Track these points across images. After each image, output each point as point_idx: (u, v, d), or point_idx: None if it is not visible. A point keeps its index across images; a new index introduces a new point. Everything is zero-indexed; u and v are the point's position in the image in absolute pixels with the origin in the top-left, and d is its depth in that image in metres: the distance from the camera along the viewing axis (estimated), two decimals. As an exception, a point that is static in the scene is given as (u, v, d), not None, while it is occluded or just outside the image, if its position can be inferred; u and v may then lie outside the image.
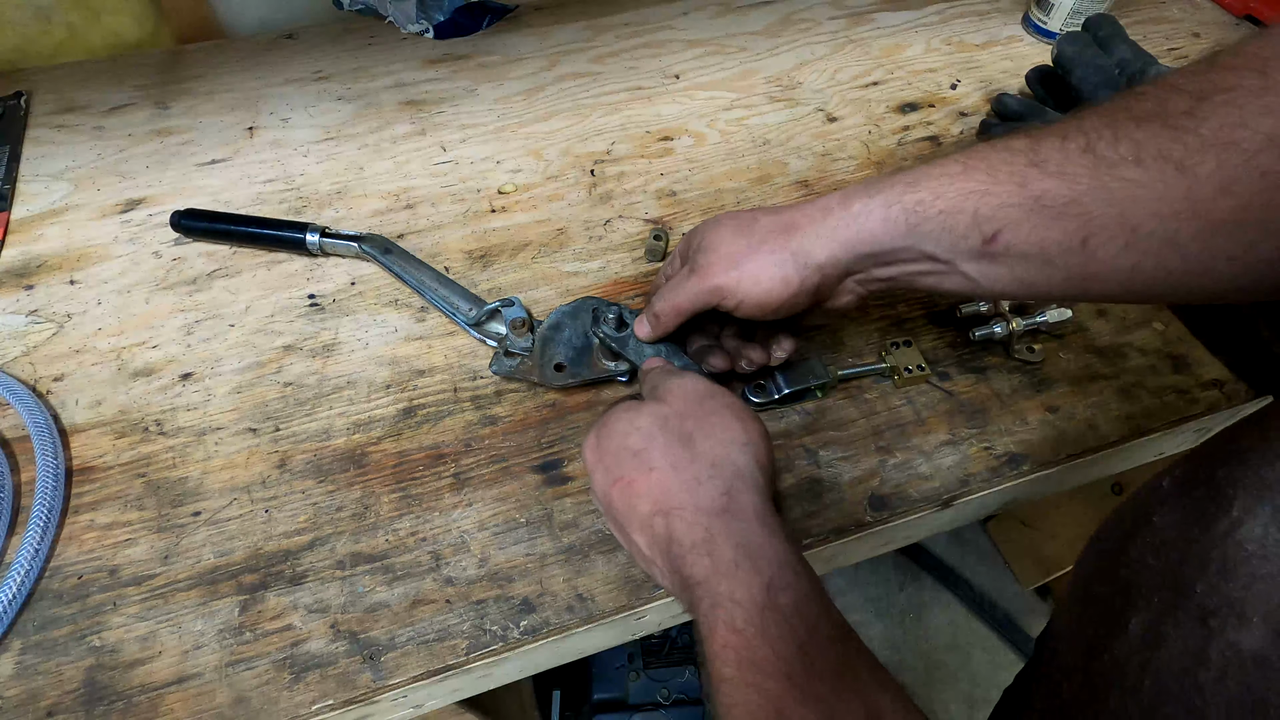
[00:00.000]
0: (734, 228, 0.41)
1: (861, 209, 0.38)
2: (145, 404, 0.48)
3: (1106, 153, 0.32)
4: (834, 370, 0.48)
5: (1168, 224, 0.31)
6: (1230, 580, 0.23)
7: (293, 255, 0.57)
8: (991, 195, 0.34)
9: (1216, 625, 0.23)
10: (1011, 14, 0.79)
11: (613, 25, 0.78)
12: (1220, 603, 0.23)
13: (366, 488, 0.44)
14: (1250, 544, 0.23)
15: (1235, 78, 0.29)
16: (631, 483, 0.35)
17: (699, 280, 0.41)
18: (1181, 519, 0.27)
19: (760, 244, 0.40)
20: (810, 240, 0.39)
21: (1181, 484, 0.29)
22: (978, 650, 1.21)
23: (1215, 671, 0.23)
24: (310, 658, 0.38)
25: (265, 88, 0.71)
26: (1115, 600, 0.28)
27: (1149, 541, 0.28)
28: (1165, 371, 0.50)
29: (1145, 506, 0.30)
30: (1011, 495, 0.47)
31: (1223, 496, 0.25)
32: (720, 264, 0.40)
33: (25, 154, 0.65)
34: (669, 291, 0.43)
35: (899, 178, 0.38)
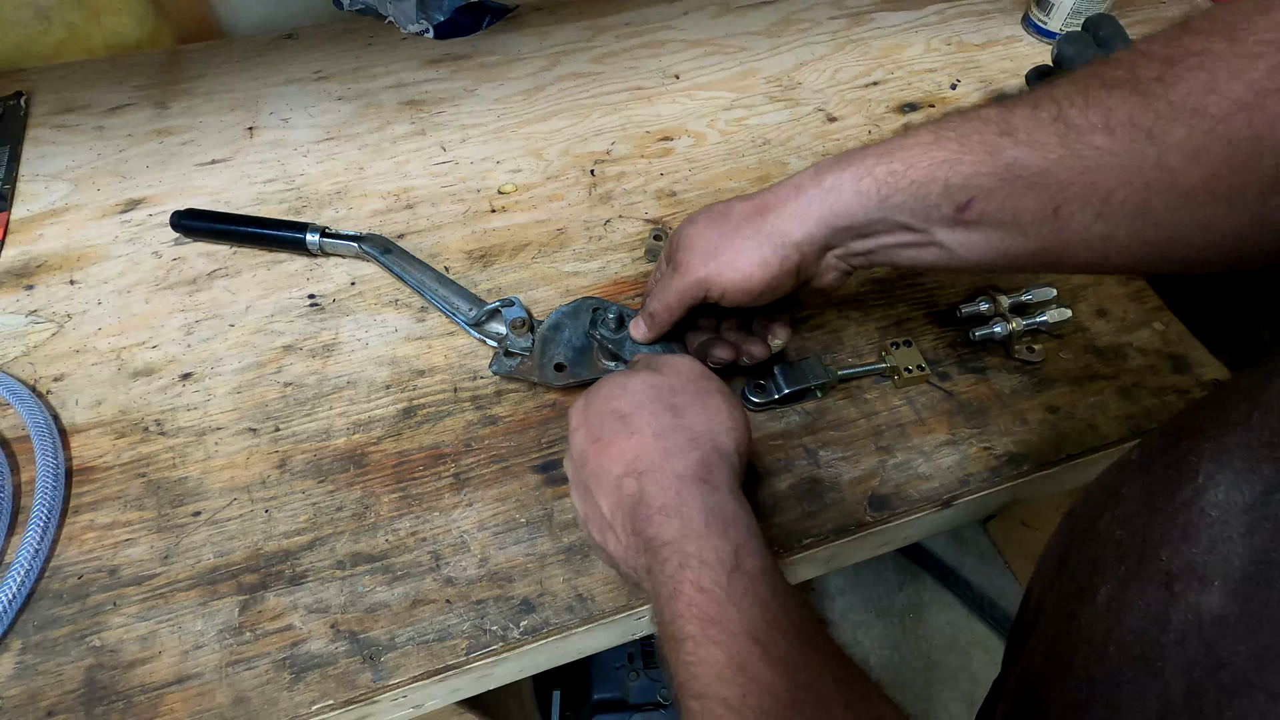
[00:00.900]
0: (708, 220, 0.42)
1: (833, 183, 0.38)
2: (145, 404, 0.48)
3: (1077, 120, 0.32)
4: (834, 370, 0.48)
5: (1139, 193, 0.31)
6: (1194, 545, 0.24)
7: (293, 255, 0.57)
8: (963, 164, 0.34)
9: (1180, 589, 0.23)
10: (1011, 14, 0.79)
11: (613, 25, 0.78)
12: (1182, 567, 0.23)
13: (366, 488, 0.44)
14: (1213, 509, 0.23)
15: (1204, 41, 0.29)
16: (610, 444, 0.35)
17: (681, 276, 0.41)
18: (1147, 489, 0.27)
19: (735, 231, 0.40)
20: (785, 220, 0.39)
21: (1147, 456, 0.29)
22: (978, 650, 1.21)
23: (1176, 634, 0.23)
24: (310, 658, 0.38)
25: (265, 88, 0.71)
26: (1084, 572, 0.28)
27: (1116, 514, 0.28)
28: (1165, 371, 0.50)
29: (1113, 481, 0.30)
30: (1011, 495, 0.47)
31: (1186, 465, 0.25)
32: (699, 257, 0.41)
33: (25, 154, 0.65)
34: (658, 292, 0.43)
35: (872, 149, 0.38)
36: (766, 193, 0.41)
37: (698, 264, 0.41)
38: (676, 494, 0.33)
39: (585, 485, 0.36)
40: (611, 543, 0.35)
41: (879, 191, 0.37)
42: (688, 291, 0.42)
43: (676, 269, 0.42)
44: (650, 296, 0.45)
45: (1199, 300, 0.52)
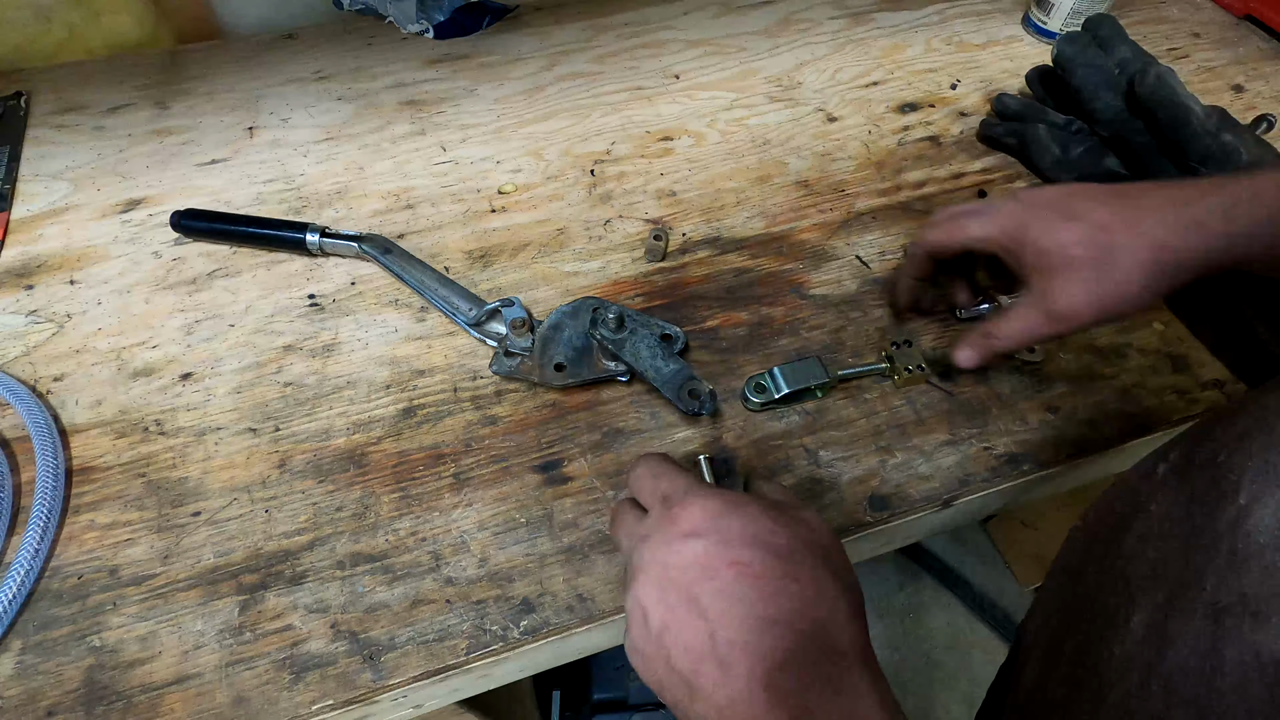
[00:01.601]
0: (1090, 262, 0.36)
1: (1248, 229, 0.34)
2: (145, 404, 0.48)
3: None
4: (834, 370, 0.48)
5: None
6: (1243, 575, 0.22)
7: (293, 255, 0.57)
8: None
9: (1231, 625, 0.22)
10: (1011, 14, 0.79)
11: (613, 25, 0.78)
12: (1233, 600, 0.22)
13: (366, 488, 0.44)
14: (1261, 535, 0.22)
15: None
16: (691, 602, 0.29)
17: (1063, 327, 0.38)
18: (1182, 507, 0.25)
19: (1128, 278, 0.36)
20: (1178, 267, 0.35)
21: (1179, 470, 0.27)
22: (978, 650, 1.21)
23: (1233, 676, 0.21)
24: (310, 658, 0.38)
25: (265, 88, 0.71)
26: (1112, 593, 0.27)
27: (1147, 531, 0.26)
28: (1165, 371, 0.50)
29: (1138, 494, 0.28)
30: (1011, 495, 0.47)
31: (1226, 483, 0.24)
32: (1086, 313, 0.37)
33: (25, 154, 0.65)
34: (1016, 329, 0.39)
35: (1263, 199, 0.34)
36: (1157, 220, 0.36)
37: (1088, 318, 0.37)
38: None
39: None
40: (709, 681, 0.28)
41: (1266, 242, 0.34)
42: (1063, 336, 0.39)
43: (1057, 319, 0.38)
44: (1002, 331, 0.40)
45: (1199, 300, 0.52)
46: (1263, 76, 0.71)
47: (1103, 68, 0.61)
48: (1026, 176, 0.62)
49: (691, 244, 0.57)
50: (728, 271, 0.55)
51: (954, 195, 0.61)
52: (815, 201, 0.60)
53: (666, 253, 0.56)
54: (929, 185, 0.62)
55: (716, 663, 0.27)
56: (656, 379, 0.46)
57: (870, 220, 0.59)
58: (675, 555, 0.29)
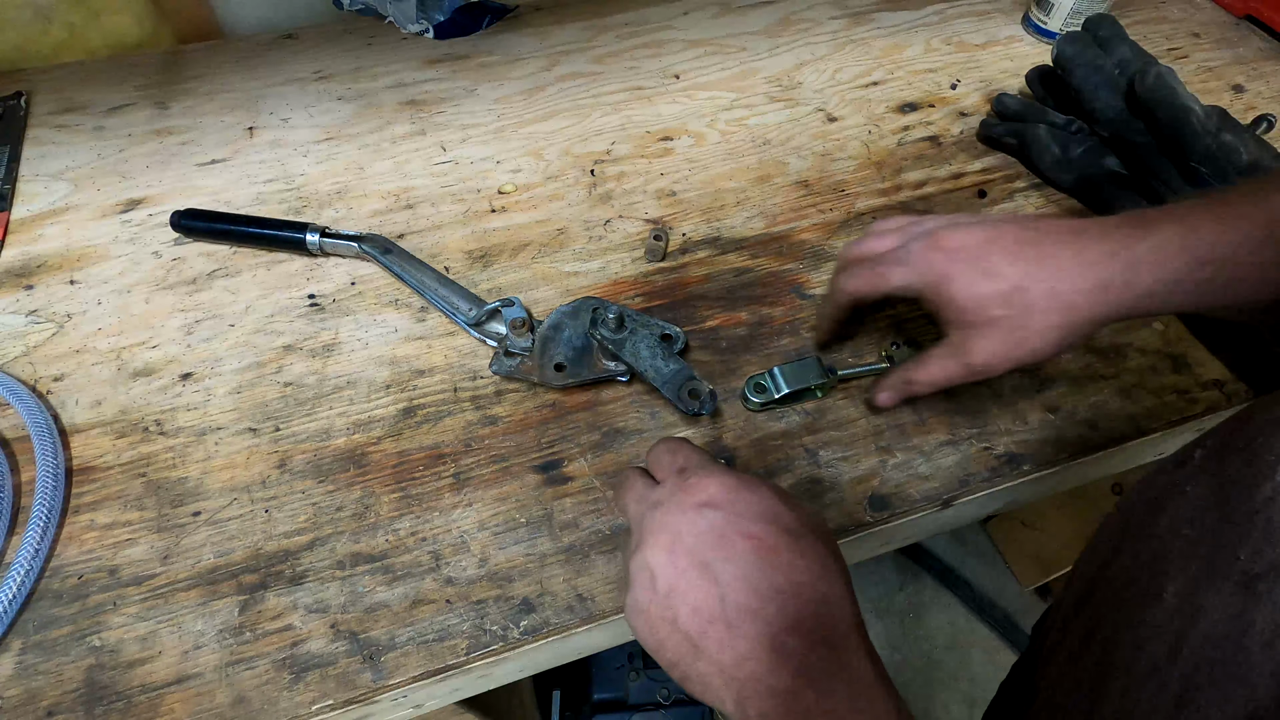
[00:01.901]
0: (1007, 320, 0.38)
1: (1147, 289, 0.36)
2: (145, 404, 0.48)
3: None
4: (834, 370, 0.48)
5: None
6: (1276, 545, 0.22)
7: (293, 255, 0.57)
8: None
9: (1264, 589, 0.22)
10: (1011, 14, 0.79)
11: (613, 25, 0.78)
12: (1266, 568, 0.22)
13: (366, 488, 0.44)
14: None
15: None
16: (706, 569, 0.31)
17: (977, 376, 0.40)
18: (1217, 487, 0.26)
19: (1042, 339, 0.38)
20: (1085, 325, 0.37)
21: (1215, 454, 0.28)
22: (978, 650, 1.21)
23: (1262, 637, 0.22)
24: (310, 658, 0.38)
25: (265, 88, 0.71)
26: (1146, 569, 0.27)
27: (1182, 512, 0.27)
28: (1165, 371, 0.50)
29: (1174, 480, 0.29)
30: (1011, 495, 0.47)
31: (1262, 463, 0.24)
32: (1000, 365, 0.39)
33: (25, 154, 0.65)
34: (934, 376, 0.41)
35: (1192, 246, 0.35)
36: (1070, 280, 0.37)
37: (1000, 369, 0.39)
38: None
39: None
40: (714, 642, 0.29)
41: (1195, 296, 0.36)
42: (970, 379, 0.40)
43: (974, 370, 0.39)
44: (918, 376, 0.42)
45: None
46: (1263, 76, 0.71)
47: (1103, 68, 0.61)
48: (1026, 176, 0.62)
49: (691, 244, 0.57)
50: (728, 271, 0.55)
51: (954, 195, 0.61)
52: (815, 201, 0.60)
53: (666, 253, 0.56)
54: (929, 185, 0.62)
55: (725, 624, 0.29)
56: (656, 379, 0.46)
57: (870, 220, 0.59)
58: (689, 523, 0.31)
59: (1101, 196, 0.58)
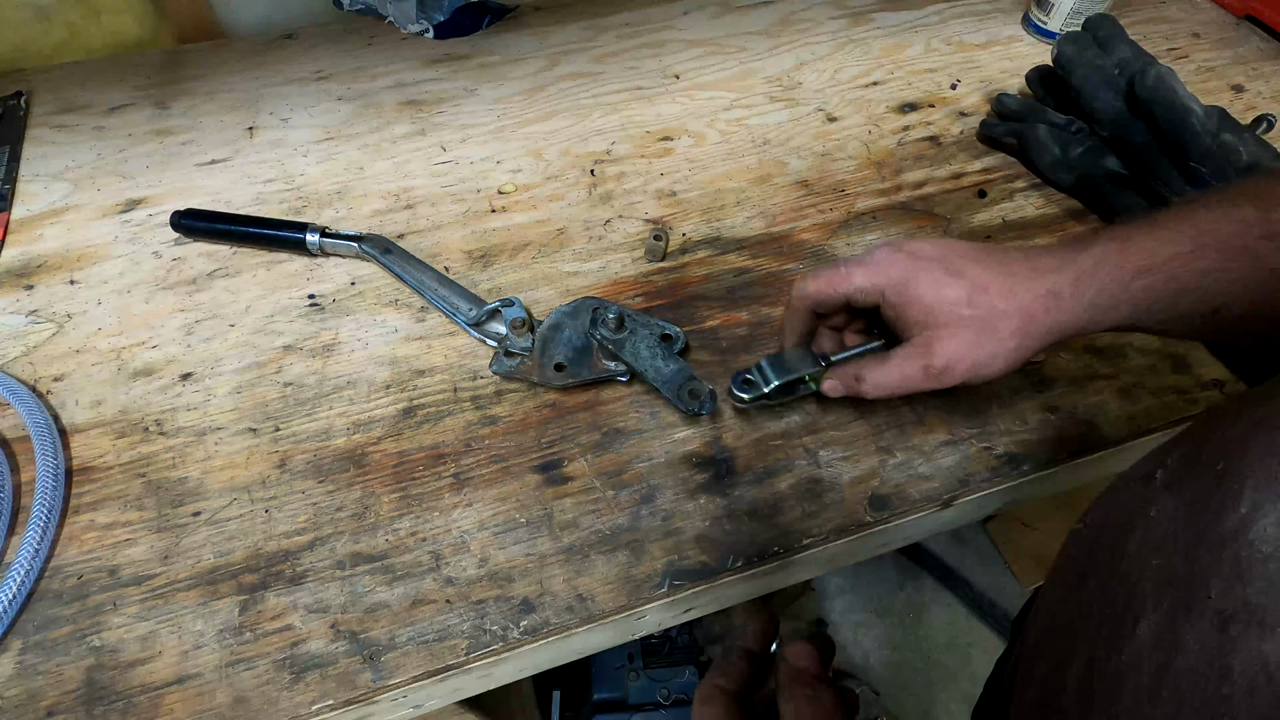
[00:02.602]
0: (972, 321, 0.38)
1: (1091, 301, 0.37)
2: (145, 404, 0.48)
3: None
4: (827, 357, 0.45)
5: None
6: (1247, 584, 0.22)
7: (293, 255, 0.57)
8: (1224, 273, 0.34)
9: (1238, 633, 0.22)
10: (1011, 14, 0.79)
11: (613, 25, 0.78)
12: (1238, 608, 0.22)
13: (366, 488, 0.44)
14: (1265, 544, 0.22)
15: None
16: None
17: (936, 383, 0.40)
18: (1184, 513, 0.26)
19: (1000, 344, 0.38)
20: (1039, 335, 0.38)
21: (1178, 475, 0.27)
22: (978, 650, 1.21)
23: (1242, 684, 0.21)
24: (310, 658, 0.38)
25: (265, 88, 0.71)
26: (1117, 599, 0.27)
27: (1149, 537, 0.27)
28: (1165, 371, 0.50)
29: (1139, 499, 0.29)
30: (1011, 495, 0.47)
31: (1228, 490, 0.24)
32: (961, 370, 0.39)
33: (25, 154, 0.65)
34: (893, 382, 0.41)
35: (1130, 257, 0.37)
36: (1025, 289, 0.38)
37: (961, 376, 0.39)
38: None
39: None
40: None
41: (1133, 307, 0.37)
42: (933, 389, 0.40)
43: (933, 375, 0.39)
44: (875, 379, 0.41)
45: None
46: (1263, 76, 0.71)
47: (1103, 68, 0.61)
48: (1026, 176, 0.62)
49: (691, 244, 0.57)
50: (728, 271, 0.55)
51: (954, 195, 0.61)
52: (815, 201, 0.60)
53: (666, 253, 0.56)
54: (929, 185, 0.62)
55: None
56: (656, 379, 0.46)
57: (870, 220, 0.59)
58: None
59: (1101, 196, 0.58)
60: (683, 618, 0.44)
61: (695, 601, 0.43)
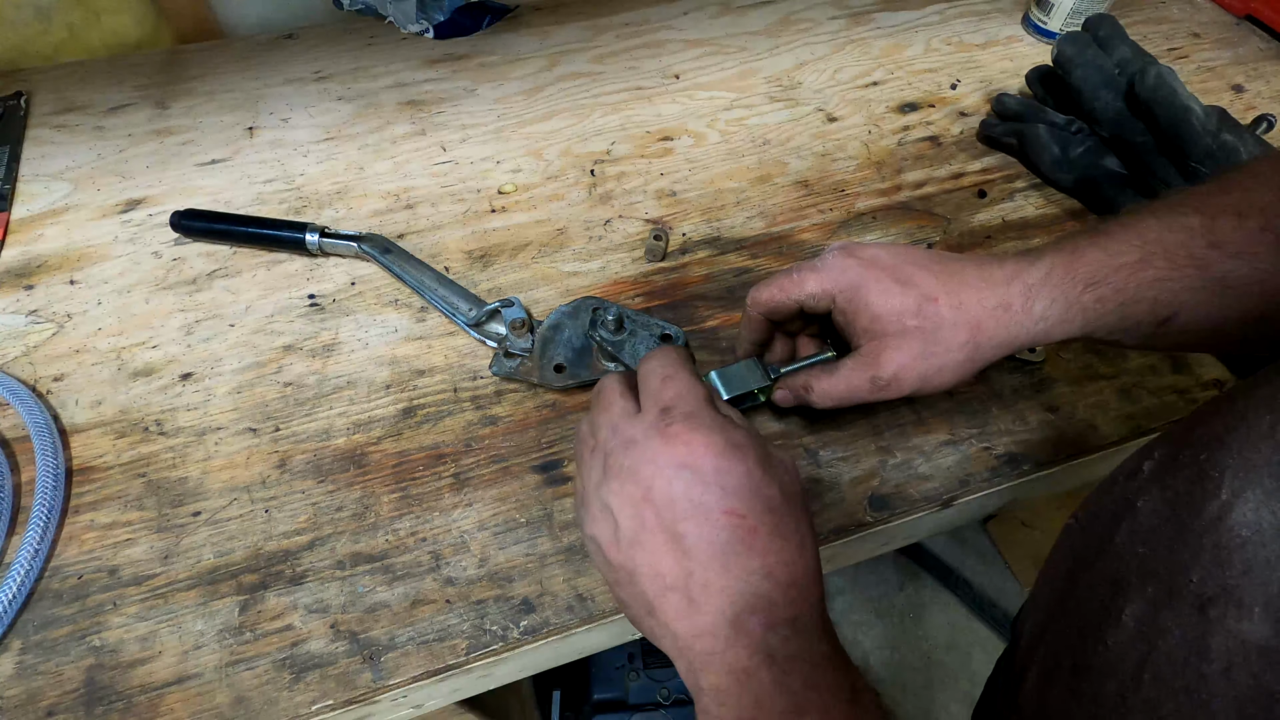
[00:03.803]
0: (918, 333, 0.38)
1: (1041, 313, 0.37)
2: (145, 404, 0.48)
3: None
4: (775, 369, 0.44)
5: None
6: (1226, 568, 0.23)
7: (293, 255, 0.57)
8: (1172, 282, 0.35)
9: (1216, 615, 0.23)
10: (1011, 14, 0.79)
11: (613, 25, 0.78)
12: (1217, 591, 0.23)
13: (366, 488, 0.44)
14: (1243, 529, 0.23)
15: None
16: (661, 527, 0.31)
17: (883, 394, 0.39)
18: (1168, 505, 0.26)
19: (948, 355, 0.38)
20: (990, 347, 0.38)
21: (1163, 468, 0.28)
22: (978, 650, 1.21)
23: (1219, 664, 0.22)
24: (310, 658, 0.38)
25: (265, 88, 0.71)
26: (1104, 591, 0.28)
27: (1135, 529, 0.27)
28: (1165, 371, 0.50)
29: (1125, 493, 0.29)
30: (1011, 495, 0.47)
31: (1209, 480, 0.25)
32: (908, 382, 0.39)
33: (25, 154, 0.65)
34: (838, 389, 0.40)
35: (1077, 271, 0.37)
36: (974, 300, 0.38)
37: (908, 387, 0.39)
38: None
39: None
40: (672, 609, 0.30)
41: (1084, 318, 0.37)
42: (880, 400, 0.40)
43: (881, 386, 0.39)
44: (823, 387, 0.41)
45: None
46: (1263, 76, 0.71)
47: (1103, 68, 0.61)
48: (1026, 176, 0.62)
49: (691, 244, 0.57)
50: (728, 271, 0.55)
51: (954, 195, 0.61)
52: (815, 201, 0.60)
53: (666, 253, 0.57)
54: (929, 185, 0.62)
55: (686, 598, 0.29)
56: (656, 379, 0.46)
57: (870, 220, 0.59)
58: (664, 481, 0.30)
59: (1101, 196, 0.58)
60: (683, 618, 0.44)
61: (695, 601, 0.43)
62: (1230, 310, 0.34)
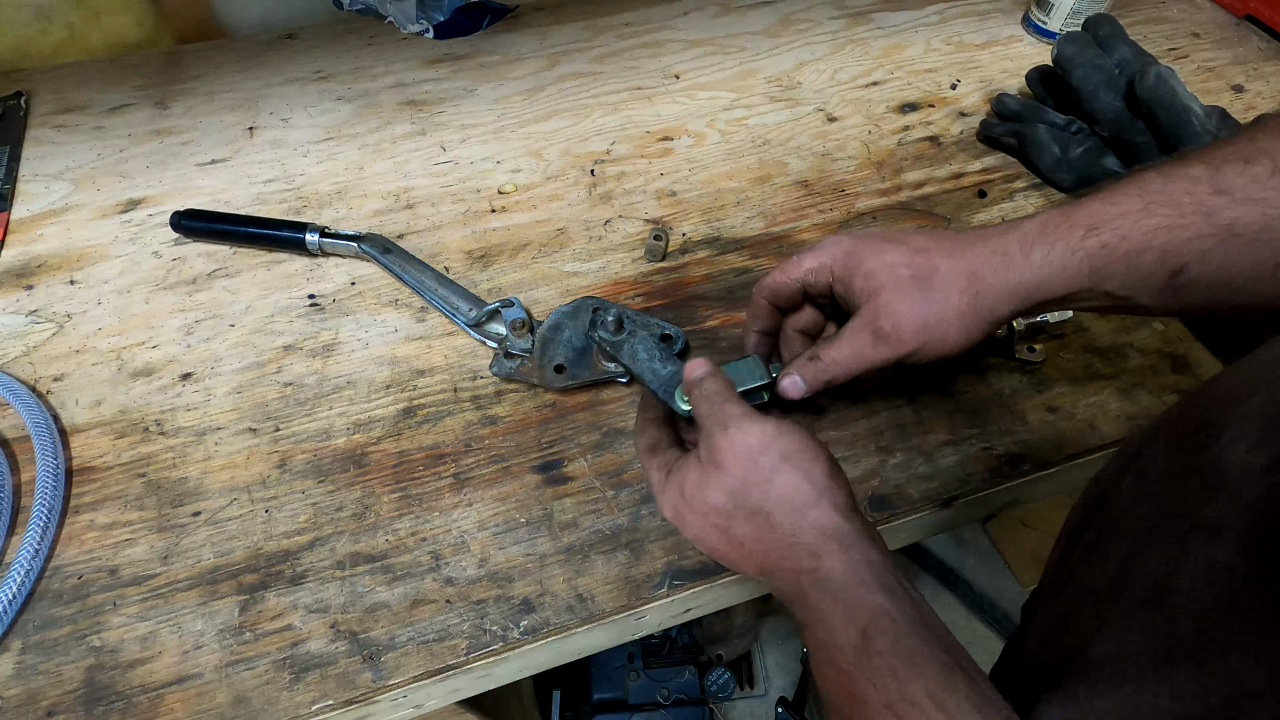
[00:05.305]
0: (911, 282, 0.38)
1: (1042, 259, 0.37)
2: (145, 404, 0.48)
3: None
4: (776, 368, 0.43)
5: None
6: (1211, 502, 0.24)
7: (293, 255, 0.57)
8: (1179, 229, 0.34)
9: (1196, 540, 0.24)
10: (1011, 14, 0.79)
11: (613, 25, 0.78)
12: (1197, 521, 0.25)
13: (366, 488, 0.44)
14: (1232, 468, 0.24)
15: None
16: (728, 555, 0.35)
17: (891, 348, 0.38)
18: (1170, 452, 0.28)
19: (947, 301, 0.38)
20: (994, 295, 0.37)
21: (1170, 422, 0.29)
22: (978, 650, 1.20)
23: (1187, 580, 0.24)
24: (310, 658, 0.38)
25: (265, 88, 0.71)
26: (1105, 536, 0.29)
27: (1139, 476, 0.29)
28: (1165, 371, 0.50)
29: (1134, 449, 0.31)
30: (1011, 495, 0.47)
31: (1212, 429, 0.26)
32: (913, 330, 0.38)
33: (25, 154, 0.65)
34: (843, 353, 0.40)
35: (1075, 218, 0.36)
36: (970, 252, 0.38)
37: (911, 337, 0.38)
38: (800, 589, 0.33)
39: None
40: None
41: (1090, 265, 0.36)
42: (889, 361, 0.39)
43: (882, 339, 0.38)
44: (830, 355, 0.40)
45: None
46: (1263, 76, 0.71)
47: (1103, 68, 0.61)
48: (1026, 176, 0.62)
49: (691, 244, 0.57)
50: (728, 271, 0.55)
51: (954, 195, 0.61)
52: (815, 201, 0.60)
53: (666, 253, 0.56)
54: (929, 185, 0.62)
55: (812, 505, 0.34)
56: (654, 381, 0.46)
57: (870, 220, 0.59)
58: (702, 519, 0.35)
59: (1101, 196, 0.58)
60: (683, 618, 0.44)
61: (695, 601, 0.43)
62: (1242, 260, 0.33)
